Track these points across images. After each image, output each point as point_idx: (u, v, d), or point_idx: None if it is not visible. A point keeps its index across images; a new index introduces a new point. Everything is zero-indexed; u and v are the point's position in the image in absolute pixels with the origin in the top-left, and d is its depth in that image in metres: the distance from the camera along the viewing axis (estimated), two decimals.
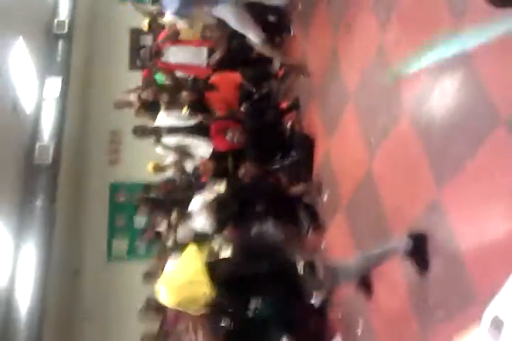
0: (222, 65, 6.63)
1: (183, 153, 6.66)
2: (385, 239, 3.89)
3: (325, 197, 5.09)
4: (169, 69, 6.97)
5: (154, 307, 5.92)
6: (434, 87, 3.38)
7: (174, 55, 6.66)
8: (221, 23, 6.23)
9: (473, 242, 2.97)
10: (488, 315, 2.25)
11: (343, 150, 4.91)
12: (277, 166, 5.77)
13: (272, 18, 6.51)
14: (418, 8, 3.66)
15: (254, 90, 6.39)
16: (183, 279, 3.25)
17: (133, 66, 9.08)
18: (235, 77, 6.51)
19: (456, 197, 3.14)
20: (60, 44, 8.80)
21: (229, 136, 5.96)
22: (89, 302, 7.90)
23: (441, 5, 3.30)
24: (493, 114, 2.77)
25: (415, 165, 3.56)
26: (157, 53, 6.85)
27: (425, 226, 3.43)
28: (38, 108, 8.01)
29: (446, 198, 3.21)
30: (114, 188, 8.89)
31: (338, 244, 4.82)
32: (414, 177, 3.59)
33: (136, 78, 7.96)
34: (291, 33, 6.36)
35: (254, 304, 3.30)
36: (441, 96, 3.32)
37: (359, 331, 4.11)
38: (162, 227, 6.82)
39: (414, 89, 3.66)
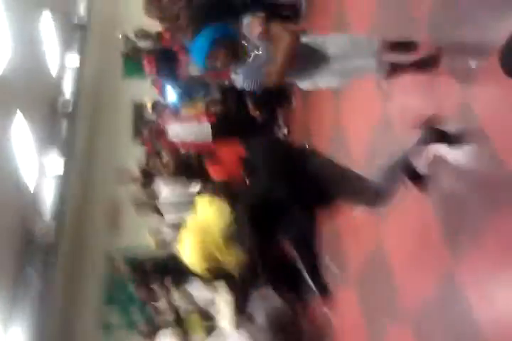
0: (224, 133, 6.59)
1: None
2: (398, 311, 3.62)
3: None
4: (173, 148, 6.94)
5: None
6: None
7: (177, 133, 6.66)
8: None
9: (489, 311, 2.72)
10: None
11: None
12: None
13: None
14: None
15: None
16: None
17: (136, 138, 9.10)
18: (240, 150, 6.44)
19: None
20: (65, 122, 8.87)
21: None
22: None
23: None
24: None
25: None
26: (158, 134, 6.91)
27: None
28: (40, 183, 7.90)
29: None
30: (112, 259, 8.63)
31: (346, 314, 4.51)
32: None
33: (139, 149, 7.95)
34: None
35: None
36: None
37: None
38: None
39: None
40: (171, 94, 7.48)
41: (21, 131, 7.19)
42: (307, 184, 2.92)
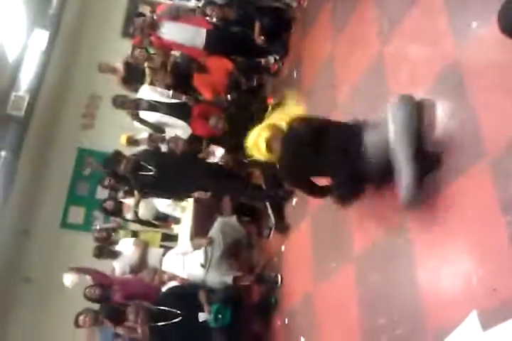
0: (217, 49, 6.46)
1: (160, 130, 6.52)
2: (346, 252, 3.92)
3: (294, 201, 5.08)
4: (161, 45, 6.74)
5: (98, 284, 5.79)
6: None
7: (170, 31, 6.42)
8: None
9: (432, 270, 2.96)
10: None
11: None
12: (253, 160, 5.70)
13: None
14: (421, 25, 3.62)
15: (244, 81, 6.30)
16: None
17: (125, 33, 8.87)
18: (228, 63, 6.40)
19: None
20: None
21: (212, 121, 5.87)
22: (34, 265, 7.74)
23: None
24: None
25: None
26: (152, 25, 6.63)
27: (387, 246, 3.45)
28: (21, 57, 7.77)
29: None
30: (82, 154, 8.69)
31: (297, 249, 4.83)
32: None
33: (127, 46, 7.74)
34: (292, 29, 6.31)
35: None
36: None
37: None
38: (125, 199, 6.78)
39: None
40: None
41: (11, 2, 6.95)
42: None
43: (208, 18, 6.63)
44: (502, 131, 2.64)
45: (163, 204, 6.31)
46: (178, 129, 6.31)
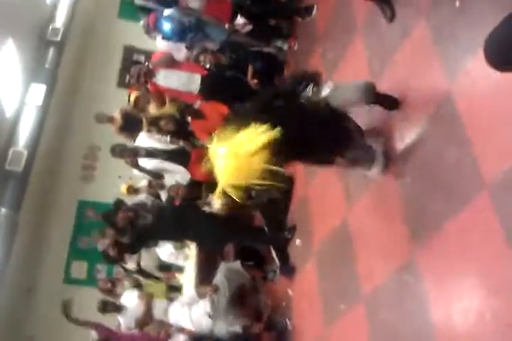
0: (212, 94, 6.49)
1: (159, 177, 6.48)
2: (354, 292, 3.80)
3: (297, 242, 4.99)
4: (158, 92, 6.79)
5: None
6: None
7: (165, 78, 6.45)
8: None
9: (445, 307, 2.86)
10: None
11: (321, 198, 4.83)
12: (253, 202, 5.64)
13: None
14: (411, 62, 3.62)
15: None
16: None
17: (121, 83, 8.97)
18: (223, 108, 6.40)
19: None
20: (51, 51, 8.66)
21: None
22: (38, 323, 7.56)
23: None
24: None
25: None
26: (148, 73, 6.67)
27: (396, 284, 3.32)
28: (18, 112, 7.81)
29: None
30: (82, 207, 8.62)
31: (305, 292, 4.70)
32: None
33: (123, 96, 7.80)
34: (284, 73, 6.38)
35: None
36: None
37: None
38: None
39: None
40: (166, 25, 6.96)
41: (8, 56, 7.04)
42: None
43: (201, 63, 6.69)
44: (498, 161, 2.61)
45: (166, 253, 6.20)
46: (177, 175, 6.28)
